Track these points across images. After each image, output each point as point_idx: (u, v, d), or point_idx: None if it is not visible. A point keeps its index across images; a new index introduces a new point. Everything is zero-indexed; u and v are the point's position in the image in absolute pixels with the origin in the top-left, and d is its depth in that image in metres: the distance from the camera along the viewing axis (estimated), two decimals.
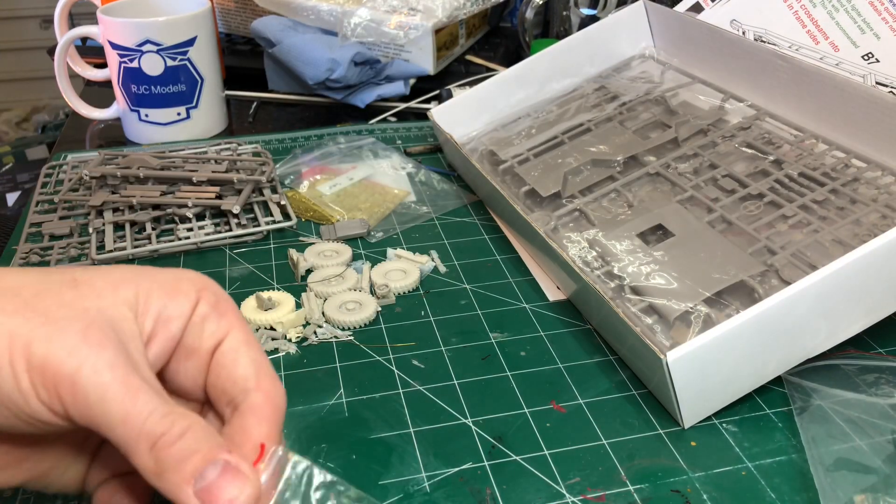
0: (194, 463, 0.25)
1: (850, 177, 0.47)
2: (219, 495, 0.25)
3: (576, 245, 0.48)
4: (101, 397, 0.25)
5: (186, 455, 0.25)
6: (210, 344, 0.29)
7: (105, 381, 0.25)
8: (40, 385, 0.25)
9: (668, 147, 0.55)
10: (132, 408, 0.25)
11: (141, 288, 0.29)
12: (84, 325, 0.26)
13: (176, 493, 0.25)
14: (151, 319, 0.29)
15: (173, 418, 0.26)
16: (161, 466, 0.25)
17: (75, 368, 0.25)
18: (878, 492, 0.34)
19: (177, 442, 0.25)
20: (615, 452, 0.37)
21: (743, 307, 0.40)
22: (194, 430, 0.26)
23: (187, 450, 0.26)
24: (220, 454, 0.26)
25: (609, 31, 0.67)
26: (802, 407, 0.39)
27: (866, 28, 0.59)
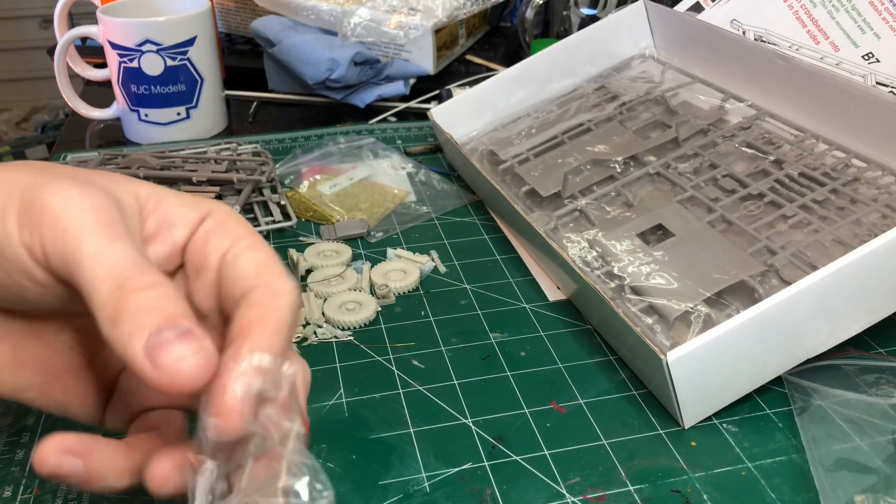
0: (153, 319, 0.24)
1: (851, 177, 0.47)
2: (167, 353, 0.23)
3: (576, 245, 0.48)
4: (78, 231, 0.25)
5: (148, 308, 0.24)
6: (215, 258, 0.28)
7: (86, 217, 0.25)
8: (25, 224, 0.25)
9: (668, 147, 0.55)
10: (107, 246, 0.25)
11: (154, 190, 0.29)
12: (82, 181, 0.26)
13: (125, 344, 0.24)
14: (157, 220, 0.28)
15: (146, 269, 0.25)
16: (118, 312, 0.24)
17: (60, 206, 0.25)
18: (879, 492, 0.34)
19: (143, 290, 0.24)
20: (615, 452, 0.37)
21: (743, 307, 0.40)
22: (164, 288, 0.25)
23: (150, 304, 0.24)
24: (183, 321, 0.24)
25: (609, 30, 0.66)
26: (803, 407, 0.39)
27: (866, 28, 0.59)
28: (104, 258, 0.24)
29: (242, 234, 0.29)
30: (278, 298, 0.27)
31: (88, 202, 0.25)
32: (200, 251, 0.28)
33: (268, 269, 0.28)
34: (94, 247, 0.24)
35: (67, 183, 0.26)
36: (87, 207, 0.25)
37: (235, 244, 0.28)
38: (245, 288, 0.27)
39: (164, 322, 0.24)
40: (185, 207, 0.29)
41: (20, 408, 0.40)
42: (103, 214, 0.25)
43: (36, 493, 0.36)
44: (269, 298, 0.26)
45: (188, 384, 0.24)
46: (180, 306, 0.25)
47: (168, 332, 0.23)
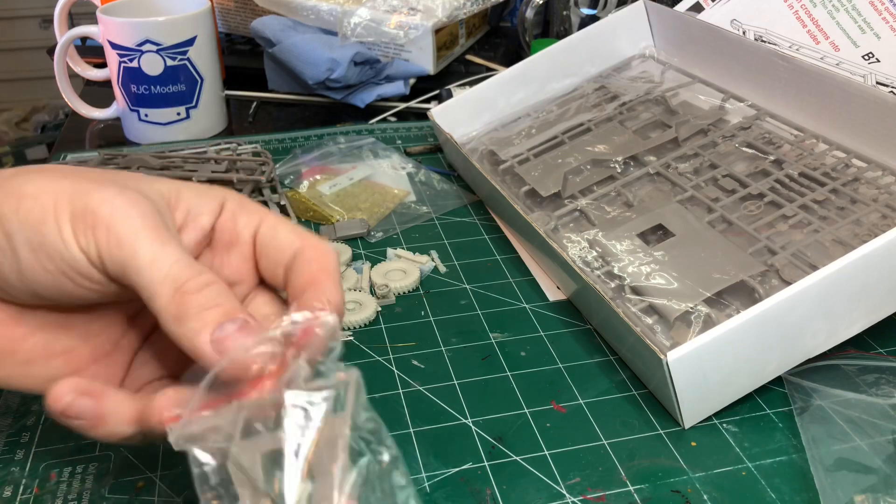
0: (215, 314, 0.26)
1: (851, 177, 0.47)
2: (233, 344, 0.26)
3: (576, 245, 0.48)
4: (132, 239, 0.27)
5: (209, 304, 0.26)
6: (248, 233, 0.32)
7: (136, 225, 0.27)
8: (80, 231, 0.27)
9: (668, 147, 0.55)
10: (160, 251, 0.27)
11: (173, 185, 0.31)
12: (121, 186, 0.28)
13: (192, 338, 0.26)
14: (182, 212, 0.31)
15: (199, 269, 0.27)
16: (182, 311, 0.26)
17: (110, 215, 0.27)
18: (879, 492, 0.34)
19: (202, 290, 0.27)
20: (615, 452, 0.37)
21: (743, 307, 0.40)
22: (219, 286, 0.27)
23: (210, 300, 0.27)
24: (241, 313, 0.27)
25: (609, 30, 0.66)
26: (803, 407, 0.39)
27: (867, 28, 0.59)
28: (160, 263, 0.27)
29: (266, 212, 0.32)
30: (329, 254, 0.31)
31: (135, 209, 0.28)
32: (230, 229, 0.32)
33: (306, 234, 0.31)
34: (148, 254, 0.27)
35: (110, 189, 0.28)
36: (135, 215, 0.27)
37: (265, 220, 0.32)
38: (294, 251, 0.31)
39: (224, 316, 0.26)
40: (204, 197, 0.31)
41: (20, 408, 0.40)
42: (150, 220, 0.28)
43: (36, 494, 0.36)
44: (322, 254, 0.30)
45: (253, 371, 0.26)
46: (235, 300, 0.27)
47: (229, 325, 0.26)
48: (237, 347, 0.26)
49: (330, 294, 0.29)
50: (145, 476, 0.36)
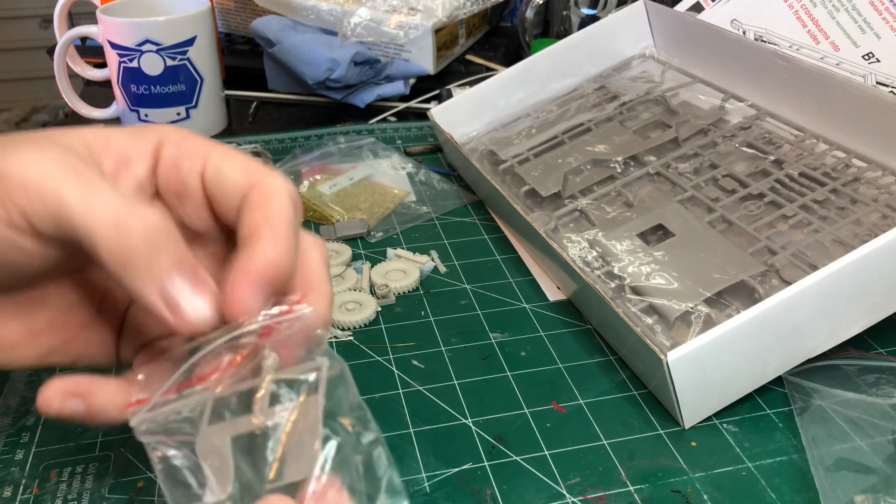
0: (163, 263, 0.24)
1: (851, 177, 0.47)
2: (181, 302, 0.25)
3: (576, 245, 0.48)
4: (54, 189, 0.24)
5: (155, 252, 0.24)
6: (195, 179, 0.28)
7: (54, 171, 0.25)
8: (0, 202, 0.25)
9: (668, 147, 0.55)
10: (90, 191, 0.24)
11: (97, 133, 0.28)
12: (32, 143, 0.26)
13: (140, 291, 0.24)
14: (111, 160, 0.28)
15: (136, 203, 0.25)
16: (127, 257, 0.24)
17: (22, 170, 0.25)
18: (879, 492, 0.34)
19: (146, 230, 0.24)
20: (615, 453, 0.37)
21: (743, 307, 0.40)
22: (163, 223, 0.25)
23: (156, 247, 0.24)
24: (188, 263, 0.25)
25: (609, 30, 0.66)
26: (803, 407, 0.39)
27: (867, 28, 0.59)
28: (92, 203, 0.24)
29: (208, 149, 0.29)
30: (275, 195, 0.27)
31: (47, 157, 0.25)
32: (175, 178, 0.29)
33: (253, 170, 0.28)
34: (76, 196, 0.24)
35: (20, 147, 0.25)
36: (49, 161, 0.25)
37: (209, 160, 0.28)
38: (239, 194, 0.28)
39: (172, 266, 0.24)
40: (134, 138, 0.29)
41: (20, 408, 0.40)
42: (68, 164, 0.25)
43: (36, 493, 0.36)
44: (267, 198, 0.27)
45: (202, 324, 0.25)
46: (181, 243, 0.25)
47: (178, 281, 0.24)
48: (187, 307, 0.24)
49: (262, 252, 0.26)
50: (145, 476, 0.36)
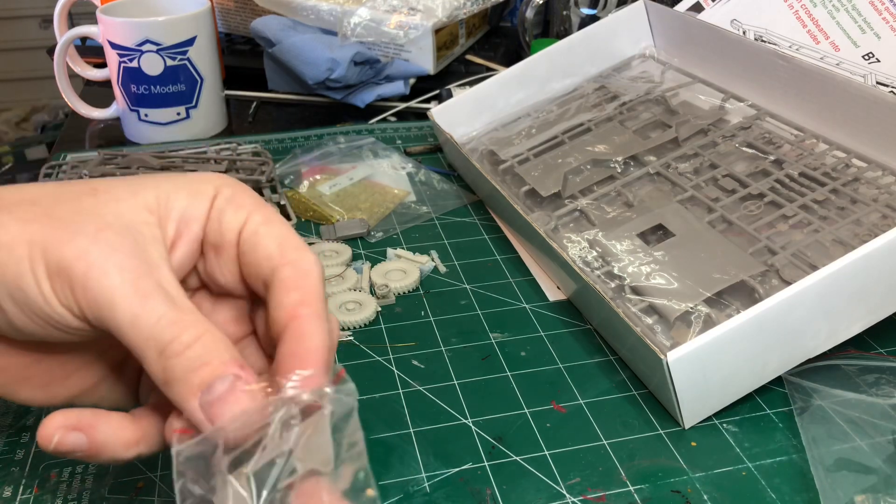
0: (202, 375, 0.25)
1: (851, 177, 0.47)
2: (221, 408, 0.25)
3: (576, 245, 0.48)
4: (109, 300, 0.25)
5: (195, 366, 0.25)
6: (232, 234, 0.29)
7: (114, 283, 0.25)
8: (60, 289, 0.25)
9: (668, 147, 0.55)
10: (141, 311, 0.25)
11: (161, 190, 0.28)
12: (97, 227, 0.26)
13: (182, 404, 0.25)
14: (174, 223, 0.28)
15: (184, 325, 0.25)
16: (168, 375, 0.25)
17: (84, 271, 0.25)
18: (879, 492, 0.34)
19: (185, 351, 0.25)
20: (615, 453, 0.37)
21: (743, 307, 0.40)
22: (205, 340, 0.25)
23: (196, 360, 0.25)
24: (230, 368, 0.25)
25: (609, 30, 0.66)
26: (803, 407, 0.39)
27: (867, 28, 0.59)
28: (141, 324, 0.25)
29: (255, 208, 0.29)
30: (311, 276, 0.28)
31: (111, 261, 0.25)
32: (216, 230, 0.29)
33: (288, 245, 0.28)
34: (128, 314, 0.25)
35: (83, 238, 0.26)
36: (112, 269, 0.25)
37: (250, 219, 0.29)
38: (272, 267, 0.28)
39: (212, 375, 0.25)
40: (195, 199, 0.29)
41: (20, 408, 0.40)
42: (129, 272, 0.25)
43: (36, 493, 0.36)
44: (304, 278, 0.27)
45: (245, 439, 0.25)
46: (224, 352, 0.25)
47: (218, 385, 0.25)
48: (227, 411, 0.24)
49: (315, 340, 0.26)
50: (145, 476, 0.36)
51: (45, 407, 0.31)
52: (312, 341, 0.26)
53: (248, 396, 0.25)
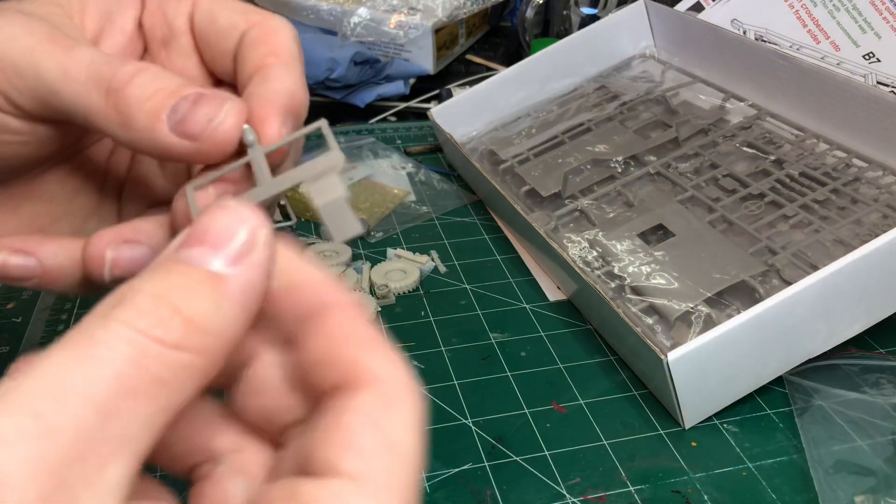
0: (160, 98, 0.22)
1: (851, 176, 0.47)
2: (194, 119, 0.22)
3: (576, 245, 0.48)
4: (29, 60, 0.22)
5: (149, 92, 0.22)
6: (182, 21, 0.26)
7: (27, 43, 0.22)
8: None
9: (668, 147, 0.55)
10: (68, 59, 0.22)
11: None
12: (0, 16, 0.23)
13: (149, 138, 0.22)
14: (93, 17, 0.26)
15: (122, 62, 0.22)
16: (123, 113, 0.22)
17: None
18: (879, 493, 0.34)
19: (132, 80, 0.22)
20: (616, 453, 0.37)
21: (744, 307, 0.40)
22: (151, 70, 0.22)
23: (148, 86, 0.22)
24: (188, 89, 0.22)
25: (609, 30, 0.66)
26: (803, 407, 0.39)
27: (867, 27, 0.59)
28: (73, 71, 0.22)
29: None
30: (281, 31, 0.25)
31: (18, 29, 0.23)
32: (160, 23, 0.26)
33: (251, 11, 0.26)
34: (55, 66, 0.22)
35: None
36: (20, 34, 0.23)
37: (198, 3, 0.26)
38: (237, 35, 0.25)
39: (171, 97, 0.22)
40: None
41: None
42: (42, 33, 0.23)
43: None
44: (272, 33, 0.25)
45: (231, 137, 0.22)
46: (175, 78, 0.23)
47: (182, 104, 0.22)
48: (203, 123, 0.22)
49: (280, 83, 0.24)
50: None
51: None
52: (278, 83, 0.24)
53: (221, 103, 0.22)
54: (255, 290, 0.18)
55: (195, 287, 0.17)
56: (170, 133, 0.22)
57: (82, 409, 0.15)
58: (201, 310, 0.16)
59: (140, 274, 0.17)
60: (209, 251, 0.17)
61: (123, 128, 0.22)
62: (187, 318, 0.16)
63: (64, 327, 0.47)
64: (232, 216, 0.18)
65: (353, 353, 0.18)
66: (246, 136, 0.23)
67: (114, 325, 0.15)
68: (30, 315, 0.48)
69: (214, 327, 0.17)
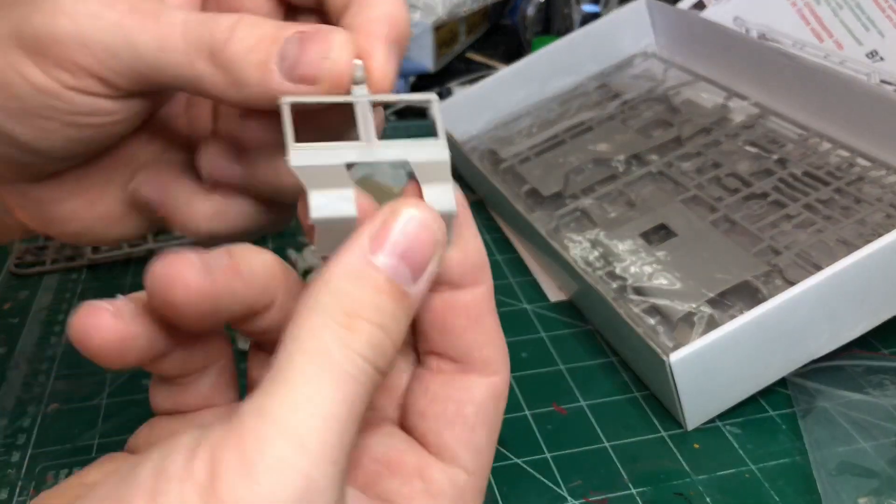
0: (265, 47, 0.21)
1: (855, 176, 0.46)
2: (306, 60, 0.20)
3: (577, 245, 0.48)
4: (121, 40, 0.21)
5: (252, 41, 0.21)
6: None
7: (112, 20, 0.21)
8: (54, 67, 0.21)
9: (670, 146, 0.55)
10: (160, 28, 0.21)
11: None
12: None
13: (261, 89, 0.21)
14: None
15: (214, 17, 0.21)
16: (231, 71, 0.21)
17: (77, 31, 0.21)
18: (882, 495, 0.34)
19: (232, 34, 0.21)
20: (617, 455, 0.37)
21: (746, 308, 0.39)
22: (245, 19, 0.21)
23: (249, 38, 0.21)
24: (288, 29, 0.21)
25: (611, 28, 0.66)
26: (806, 409, 0.39)
27: (871, 26, 0.58)
28: (170, 42, 0.21)
29: None
30: None
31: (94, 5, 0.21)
32: None
33: None
34: (150, 40, 0.21)
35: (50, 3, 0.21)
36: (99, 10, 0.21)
37: None
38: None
39: (274, 42, 0.21)
40: None
41: (16, 409, 0.40)
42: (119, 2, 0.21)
43: (32, 496, 0.35)
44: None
45: (350, 71, 0.21)
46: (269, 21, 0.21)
47: (288, 48, 0.21)
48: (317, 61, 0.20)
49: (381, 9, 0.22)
50: None
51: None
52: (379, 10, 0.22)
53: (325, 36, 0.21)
54: (423, 298, 0.20)
55: (398, 313, 0.19)
56: (283, 80, 0.21)
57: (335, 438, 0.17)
58: (399, 335, 0.19)
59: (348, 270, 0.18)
60: (409, 273, 0.19)
61: (234, 87, 0.21)
62: (395, 346, 0.19)
63: (60, 328, 0.46)
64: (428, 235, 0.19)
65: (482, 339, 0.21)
66: (356, 72, 0.21)
67: (356, 359, 0.17)
68: (27, 315, 0.48)
69: (400, 344, 0.19)
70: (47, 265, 0.52)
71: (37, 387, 0.42)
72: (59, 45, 0.21)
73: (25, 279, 0.51)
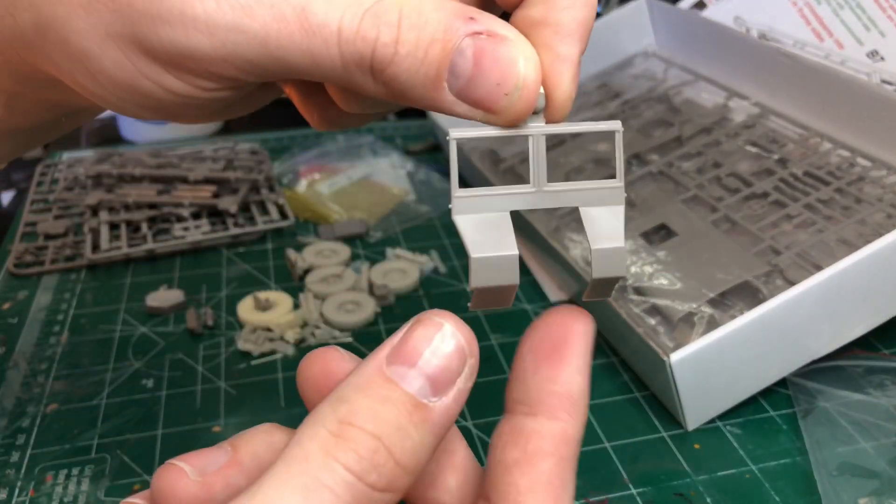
0: (434, 64, 0.18)
1: (855, 176, 0.46)
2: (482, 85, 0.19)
3: (578, 245, 0.48)
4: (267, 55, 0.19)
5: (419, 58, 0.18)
6: None
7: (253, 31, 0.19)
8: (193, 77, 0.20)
9: (671, 145, 0.55)
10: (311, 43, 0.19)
11: None
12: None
13: (431, 103, 0.19)
14: None
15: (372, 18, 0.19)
16: (395, 86, 0.19)
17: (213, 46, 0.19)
18: (883, 495, 0.34)
19: (397, 50, 0.19)
20: (618, 455, 0.37)
21: (747, 308, 0.39)
22: (407, 17, 0.19)
23: (416, 51, 0.18)
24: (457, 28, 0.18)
25: (611, 28, 0.66)
26: (807, 409, 0.39)
27: (871, 25, 0.58)
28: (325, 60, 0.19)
29: None
30: None
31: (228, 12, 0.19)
32: None
33: None
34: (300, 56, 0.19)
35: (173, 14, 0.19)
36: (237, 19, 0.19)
37: None
38: None
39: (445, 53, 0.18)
40: None
41: (15, 410, 0.40)
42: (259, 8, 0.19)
43: (31, 496, 0.35)
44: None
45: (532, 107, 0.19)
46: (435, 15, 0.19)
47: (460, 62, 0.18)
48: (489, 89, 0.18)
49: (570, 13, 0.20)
50: (141, 479, 0.36)
51: None
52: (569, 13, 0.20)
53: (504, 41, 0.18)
54: (452, 417, 0.18)
55: (408, 426, 0.17)
56: (456, 101, 0.19)
57: None
58: (409, 451, 0.17)
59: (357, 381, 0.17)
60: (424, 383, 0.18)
61: (398, 98, 0.19)
62: (398, 461, 0.17)
63: (59, 328, 0.46)
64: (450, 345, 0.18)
65: None
66: (538, 102, 0.19)
67: (336, 468, 0.16)
68: (26, 316, 0.48)
69: (416, 464, 0.17)
70: (46, 265, 0.52)
71: (36, 387, 0.42)
72: (198, 62, 0.20)
73: (25, 279, 0.51)
